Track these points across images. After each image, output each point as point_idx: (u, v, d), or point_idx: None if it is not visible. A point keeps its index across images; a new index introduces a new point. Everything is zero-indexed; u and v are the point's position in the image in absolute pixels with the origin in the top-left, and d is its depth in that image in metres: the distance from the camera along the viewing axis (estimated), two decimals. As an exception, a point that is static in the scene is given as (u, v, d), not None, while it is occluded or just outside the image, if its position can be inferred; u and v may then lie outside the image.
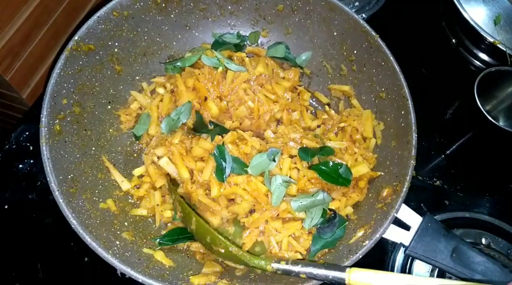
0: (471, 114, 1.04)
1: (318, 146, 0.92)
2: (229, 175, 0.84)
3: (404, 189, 0.80)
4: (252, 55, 1.08)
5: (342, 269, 0.69)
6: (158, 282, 0.70)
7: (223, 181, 0.84)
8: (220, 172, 0.84)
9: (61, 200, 0.74)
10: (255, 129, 0.97)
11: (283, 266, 0.73)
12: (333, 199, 0.87)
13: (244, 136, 0.89)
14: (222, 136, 0.89)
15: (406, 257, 0.97)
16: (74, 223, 0.73)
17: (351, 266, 0.69)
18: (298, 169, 0.87)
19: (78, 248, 0.93)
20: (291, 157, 0.88)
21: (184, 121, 0.94)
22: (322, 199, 0.84)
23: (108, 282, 0.93)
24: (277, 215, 0.84)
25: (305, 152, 0.88)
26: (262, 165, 0.85)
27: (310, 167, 0.87)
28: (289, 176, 0.85)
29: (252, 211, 0.85)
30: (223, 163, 0.84)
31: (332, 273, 0.69)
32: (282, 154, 0.87)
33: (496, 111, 1.12)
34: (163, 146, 0.91)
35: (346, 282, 0.67)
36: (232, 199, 0.86)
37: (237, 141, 0.89)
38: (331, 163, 0.87)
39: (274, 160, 0.85)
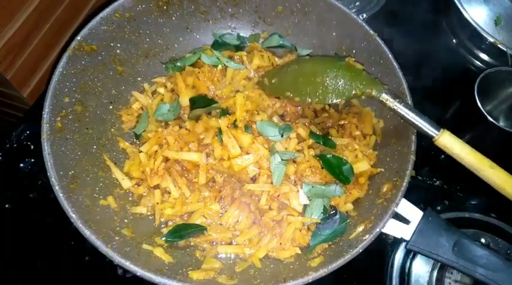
0: (471, 114, 1.04)
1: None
2: None
3: (404, 183, 0.80)
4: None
5: (437, 127, 0.78)
6: (157, 275, 0.70)
7: None
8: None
9: (61, 195, 0.74)
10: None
11: (391, 100, 0.81)
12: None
13: None
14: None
15: (406, 256, 0.97)
16: (73, 217, 0.73)
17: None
18: (303, 153, 0.87)
19: (78, 247, 0.93)
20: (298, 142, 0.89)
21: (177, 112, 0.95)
22: (334, 190, 0.84)
23: (108, 282, 0.93)
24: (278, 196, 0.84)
25: (316, 136, 0.90)
26: (269, 130, 0.87)
27: (316, 156, 0.88)
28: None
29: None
30: None
31: (427, 125, 0.78)
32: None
33: (496, 111, 1.12)
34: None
35: (436, 138, 0.77)
36: None
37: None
38: (337, 157, 0.87)
39: (282, 136, 0.86)
